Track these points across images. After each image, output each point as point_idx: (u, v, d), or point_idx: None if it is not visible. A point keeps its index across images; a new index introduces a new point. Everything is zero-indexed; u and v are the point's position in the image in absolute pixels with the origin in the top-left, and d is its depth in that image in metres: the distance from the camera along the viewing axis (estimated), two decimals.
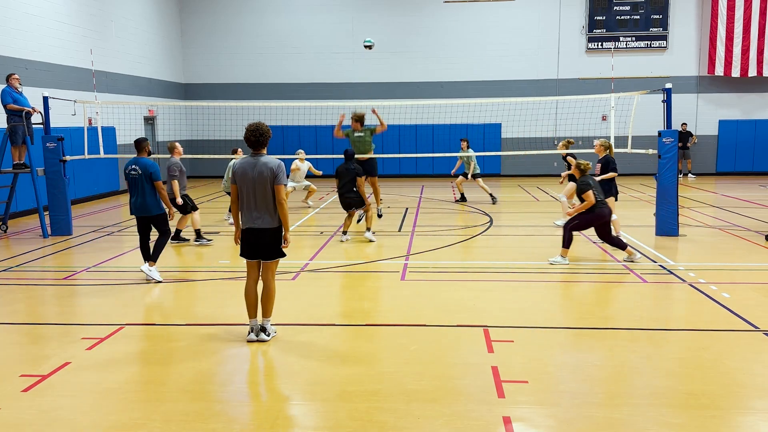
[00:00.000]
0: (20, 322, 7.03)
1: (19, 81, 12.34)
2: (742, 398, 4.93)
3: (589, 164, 9.33)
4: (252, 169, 5.96)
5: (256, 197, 5.98)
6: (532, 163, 23.51)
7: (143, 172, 8.21)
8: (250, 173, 5.96)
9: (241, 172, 6.01)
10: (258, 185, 5.94)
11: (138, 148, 8.40)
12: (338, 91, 23.90)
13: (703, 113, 23.46)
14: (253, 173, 5.95)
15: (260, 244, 6.09)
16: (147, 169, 8.23)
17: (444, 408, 4.74)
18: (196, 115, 23.27)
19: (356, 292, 8.11)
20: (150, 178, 8.22)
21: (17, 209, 14.12)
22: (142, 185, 8.23)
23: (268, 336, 6.26)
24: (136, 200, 8.31)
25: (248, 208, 6.05)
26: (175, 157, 11.00)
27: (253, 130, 6.01)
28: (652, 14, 23.18)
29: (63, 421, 4.62)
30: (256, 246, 6.12)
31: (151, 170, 8.24)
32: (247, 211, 6.07)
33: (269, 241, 6.08)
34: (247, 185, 5.98)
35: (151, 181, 8.24)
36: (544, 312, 7.27)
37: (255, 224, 6.03)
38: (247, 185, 5.98)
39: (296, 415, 4.75)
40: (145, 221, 8.49)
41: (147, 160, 8.31)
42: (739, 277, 8.53)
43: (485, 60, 23.72)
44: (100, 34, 18.71)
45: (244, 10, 24.21)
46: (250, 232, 6.09)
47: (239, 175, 6.02)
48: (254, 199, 5.99)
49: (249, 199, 6.02)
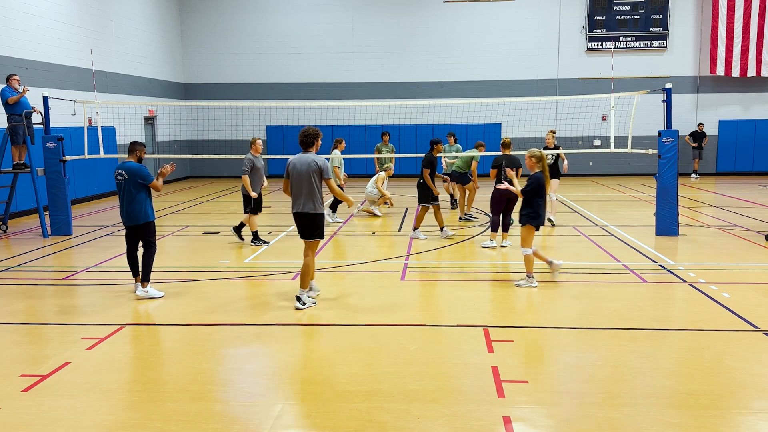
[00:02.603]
0: (20, 322, 7.03)
1: (18, 82, 12.35)
2: (742, 398, 4.93)
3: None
4: (301, 164, 7.07)
5: (302, 187, 7.07)
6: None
7: (129, 177, 7.62)
8: (298, 167, 7.08)
9: (292, 166, 7.14)
10: (304, 177, 7.05)
11: (129, 150, 7.88)
12: (338, 91, 23.90)
13: (703, 113, 23.47)
14: (301, 168, 7.07)
15: (302, 225, 7.19)
16: (131, 171, 7.63)
17: (444, 408, 4.74)
18: (196, 115, 23.27)
19: (356, 292, 8.11)
20: (136, 181, 7.63)
21: (17, 209, 14.12)
22: (129, 191, 7.65)
23: (302, 305, 7.18)
24: (123, 207, 7.76)
25: (296, 196, 7.16)
26: (252, 152, 10.79)
27: (302, 132, 7.19)
28: (652, 14, 23.18)
29: (63, 421, 4.62)
30: (300, 228, 7.22)
31: (136, 173, 7.63)
32: (295, 198, 7.16)
33: (309, 224, 7.17)
34: (296, 177, 7.09)
35: (138, 185, 7.64)
36: (544, 312, 7.28)
37: (299, 209, 7.14)
38: (295, 177, 7.09)
39: (296, 415, 4.75)
40: (132, 231, 7.84)
41: (133, 164, 7.70)
42: (739, 277, 8.53)
43: (485, 60, 23.72)
44: (100, 34, 18.71)
45: (244, 10, 24.20)
46: (297, 216, 7.21)
47: (291, 168, 7.14)
48: (300, 188, 7.09)
49: (296, 188, 7.13)
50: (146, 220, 7.78)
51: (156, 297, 7.76)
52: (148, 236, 7.85)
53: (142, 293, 7.76)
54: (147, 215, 7.77)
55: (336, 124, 23.51)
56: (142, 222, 7.76)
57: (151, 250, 7.85)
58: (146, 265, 7.79)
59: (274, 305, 7.47)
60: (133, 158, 7.85)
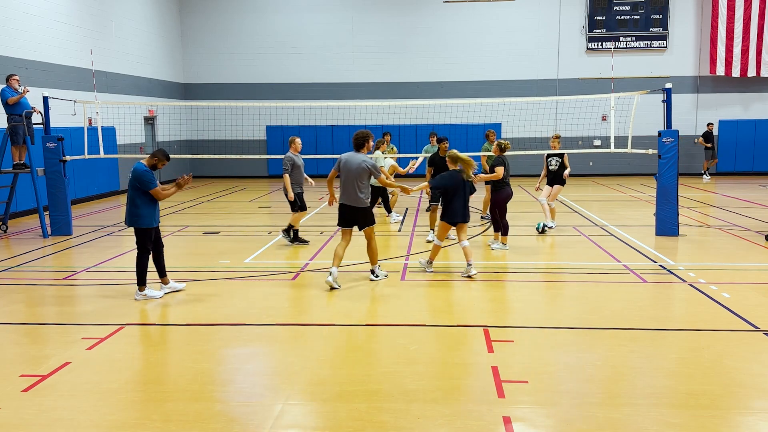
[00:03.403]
0: (20, 322, 7.03)
1: (18, 82, 12.35)
2: (742, 398, 4.93)
3: (509, 144, 10.29)
4: (352, 163, 8.09)
5: (351, 183, 8.09)
6: (532, 163, 23.48)
7: (133, 178, 7.58)
8: (349, 165, 8.10)
9: (344, 162, 8.16)
10: (354, 174, 8.06)
11: (151, 153, 7.83)
12: (338, 91, 23.91)
13: (703, 113, 23.47)
14: (351, 165, 8.08)
15: (355, 218, 8.23)
16: (135, 173, 7.55)
17: (444, 408, 4.74)
18: (196, 115, 23.28)
19: (356, 292, 8.11)
20: (136, 184, 7.54)
21: (17, 209, 14.12)
22: (129, 191, 7.62)
23: (376, 277, 8.44)
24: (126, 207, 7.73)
25: (345, 190, 8.17)
26: (291, 151, 10.69)
27: (355, 135, 8.21)
28: (652, 14, 23.19)
29: (63, 421, 4.62)
30: (351, 219, 8.26)
31: (138, 176, 7.53)
32: (344, 191, 8.17)
33: (360, 216, 8.23)
34: (347, 173, 8.11)
35: (138, 188, 7.55)
36: (544, 312, 7.28)
37: (348, 202, 8.17)
38: (346, 173, 8.11)
39: (296, 415, 4.75)
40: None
41: (141, 166, 7.60)
42: (739, 277, 8.53)
43: (485, 60, 23.72)
44: (100, 34, 18.71)
45: (244, 10, 24.20)
46: (345, 208, 8.22)
47: (342, 164, 8.15)
48: (349, 184, 8.11)
49: (345, 183, 8.13)
50: (139, 225, 7.60)
51: (155, 297, 7.72)
52: (137, 240, 7.69)
53: (166, 289, 7.90)
54: (142, 220, 7.58)
55: (336, 124, 23.52)
56: (135, 226, 7.63)
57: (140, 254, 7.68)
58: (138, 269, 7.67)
59: (274, 305, 7.47)
60: (147, 161, 7.72)
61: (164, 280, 7.94)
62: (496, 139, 13.14)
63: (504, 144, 10.19)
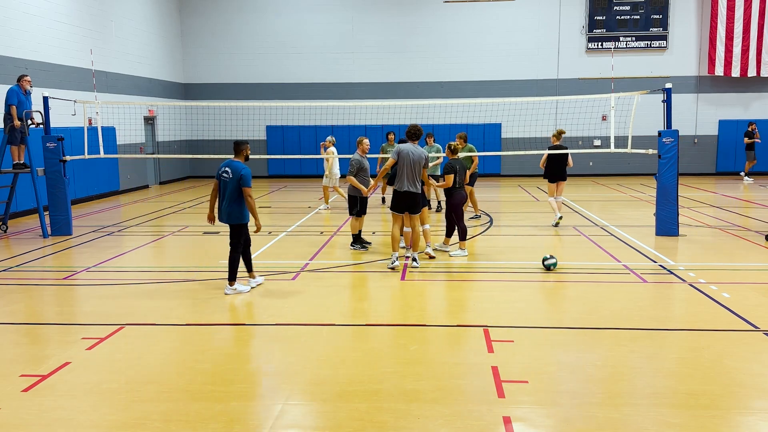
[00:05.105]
0: (20, 322, 7.03)
1: (30, 83, 12.34)
2: (742, 398, 4.93)
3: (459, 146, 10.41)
4: (412, 153, 8.89)
5: (411, 171, 8.89)
6: (532, 164, 23.50)
7: (233, 176, 7.68)
8: (411, 155, 8.88)
9: (404, 153, 8.89)
10: (414, 164, 8.89)
11: (235, 150, 7.92)
12: (338, 91, 23.90)
13: (703, 113, 23.47)
14: (412, 156, 8.88)
15: (410, 203, 8.99)
16: (238, 172, 7.68)
17: (444, 408, 4.74)
18: (196, 115, 23.29)
19: (356, 292, 8.10)
20: (239, 182, 7.68)
21: (17, 209, 14.12)
22: (230, 190, 7.71)
23: (417, 264, 9.07)
24: (222, 205, 7.84)
25: (406, 179, 8.91)
26: (359, 153, 10.50)
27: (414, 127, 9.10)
28: (652, 14, 23.18)
29: (63, 421, 4.62)
30: (407, 204, 9.01)
31: (242, 173, 7.67)
32: (405, 180, 8.92)
33: (416, 201, 9.02)
34: (407, 163, 8.87)
35: (239, 186, 7.70)
36: (544, 312, 7.28)
37: (408, 189, 8.91)
38: (406, 163, 8.87)
39: (296, 415, 4.75)
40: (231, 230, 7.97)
41: (240, 164, 7.73)
42: (739, 277, 8.53)
43: (485, 60, 23.72)
44: (100, 34, 18.71)
45: (244, 10, 24.20)
46: (406, 194, 8.97)
47: (403, 155, 8.88)
48: (409, 172, 8.89)
49: (406, 172, 8.90)
50: (238, 222, 7.86)
51: (243, 292, 7.92)
52: (233, 237, 7.93)
53: (230, 291, 7.90)
54: (242, 217, 7.85)
55: (336, 124, 23.51)
56: (240, 222, 7.86)
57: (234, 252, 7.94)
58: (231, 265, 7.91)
59: (274, 305, 7.47)
60: (241, 158, 7.87)
61: (251, 275, 8.20)
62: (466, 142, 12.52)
63: (454, 146, 9.96)
